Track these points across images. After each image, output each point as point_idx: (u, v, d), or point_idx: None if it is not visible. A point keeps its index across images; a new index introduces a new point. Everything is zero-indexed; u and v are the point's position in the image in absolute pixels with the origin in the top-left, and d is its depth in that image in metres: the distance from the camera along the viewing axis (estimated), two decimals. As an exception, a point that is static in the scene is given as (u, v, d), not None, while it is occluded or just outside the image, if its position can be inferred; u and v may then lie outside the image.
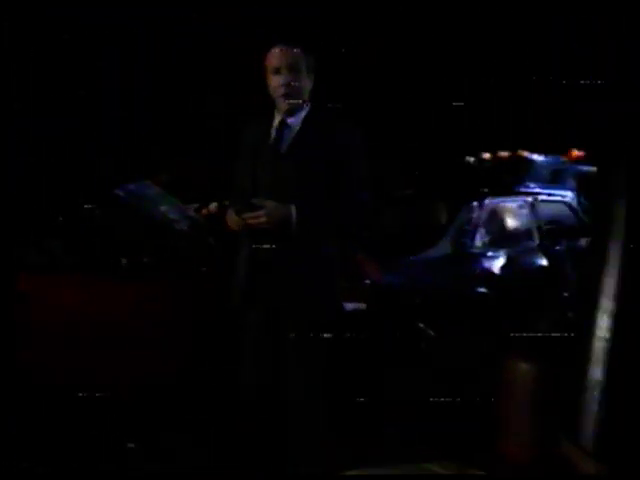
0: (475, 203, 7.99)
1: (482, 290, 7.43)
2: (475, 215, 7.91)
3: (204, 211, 10.83)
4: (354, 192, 3.21)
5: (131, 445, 4.24)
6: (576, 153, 15.68)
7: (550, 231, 8.24)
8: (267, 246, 3.18)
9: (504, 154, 14.01)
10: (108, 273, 4.31)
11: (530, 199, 8.42)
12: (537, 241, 8.16)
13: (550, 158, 13.52)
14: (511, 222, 8.28)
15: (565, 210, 8.71)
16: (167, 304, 3.62)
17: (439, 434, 4.41)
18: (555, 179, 12.93)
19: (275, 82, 3.36)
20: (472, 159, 11.25)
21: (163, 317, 3.74)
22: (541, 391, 3.68)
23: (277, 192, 3.20)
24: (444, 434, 4.39)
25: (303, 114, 3.35)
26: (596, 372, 3.07)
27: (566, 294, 7.97)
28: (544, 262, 8.09)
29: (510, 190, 8.57)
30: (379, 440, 4.38)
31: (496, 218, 8.13)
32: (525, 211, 8.29)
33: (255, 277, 3.27)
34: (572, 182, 12.73)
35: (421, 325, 4.79)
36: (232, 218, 3.29)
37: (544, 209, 8.37)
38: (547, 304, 7.70)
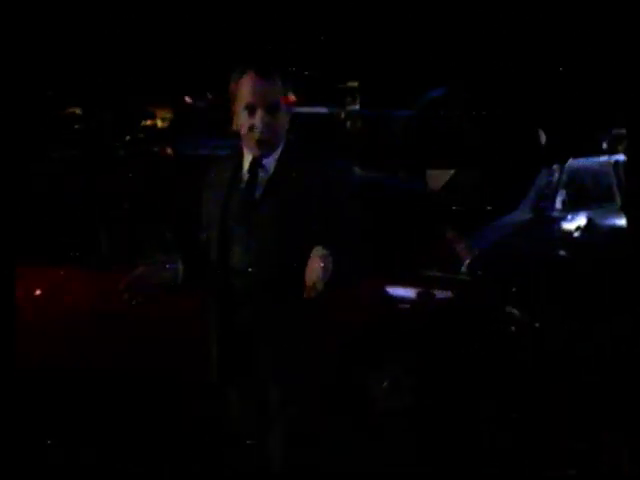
0: (555, 165, 8.00)
1: (563, 254, 7.51)
2: (555, 177, 7.93)
3: None
4: (345, 235, 2.70)
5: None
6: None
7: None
8: (241, 310, 2.70)
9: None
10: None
11: (613, 159, 8.37)
12: (619, 202, 8.14)
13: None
14: (592, 183, 8.28)
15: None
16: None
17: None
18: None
19: (248, 122, 2.73)
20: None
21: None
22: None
23: (255, 246, 2.70)
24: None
25: (278, 152, 2.78)
26: None
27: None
28: (624, 223, 8.09)
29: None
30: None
31: (577, 179, 8.12)
32: (607, 171, 8.26)
33: (228, 347, 2.75)
34: None
35: (511, 309, 4.90)
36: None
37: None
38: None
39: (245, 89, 2.72)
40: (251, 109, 2.71)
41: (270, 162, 2.77)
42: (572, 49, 13.08)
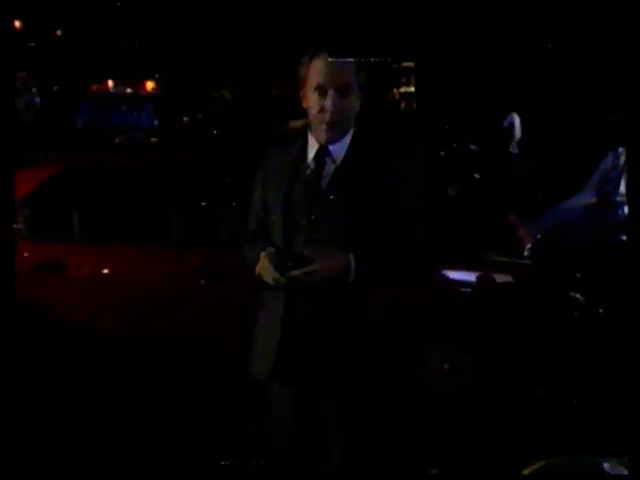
0: (621, 148, 7.85)
1: (627, 239, 7.38)
2: (621, 161, 7.79)
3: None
4: (411, 234, 2.64)
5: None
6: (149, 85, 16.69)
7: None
8: (308, 304, 2.61)
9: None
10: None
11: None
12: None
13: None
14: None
15: None
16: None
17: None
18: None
19: (318, 104, 2.62)
20: None
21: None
22: None
23: (319, 238, 2.59)
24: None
25: (348, 139, 2.68)
26: None
27: None
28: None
29: None
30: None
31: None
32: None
33: (291, 343, 2.65)
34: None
35: (575, 294, 4.86)
36: (269, 271, 2.56)
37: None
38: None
39: (316, 70, 2.62)
40: (322, 90, 2.61)
41: (338, 150, 2.67)
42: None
